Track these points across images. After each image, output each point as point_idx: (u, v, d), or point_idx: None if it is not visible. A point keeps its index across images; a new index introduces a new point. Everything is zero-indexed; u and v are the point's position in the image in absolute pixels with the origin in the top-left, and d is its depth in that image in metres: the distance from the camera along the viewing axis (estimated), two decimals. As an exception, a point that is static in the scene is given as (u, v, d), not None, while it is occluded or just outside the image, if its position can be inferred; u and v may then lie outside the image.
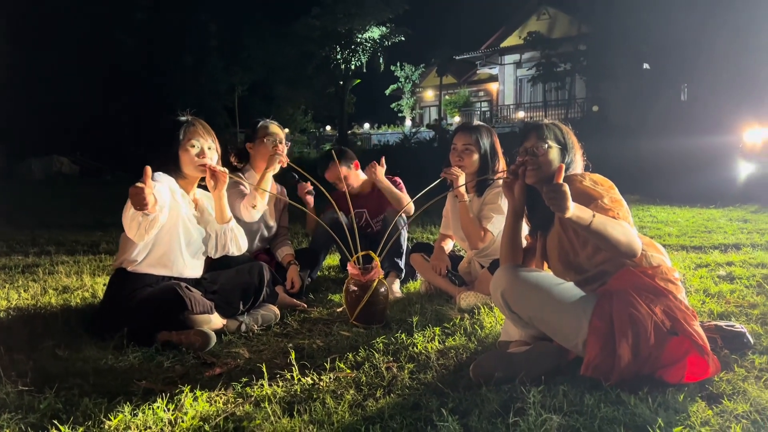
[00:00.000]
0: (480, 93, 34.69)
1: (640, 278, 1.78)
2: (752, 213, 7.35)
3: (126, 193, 2.13)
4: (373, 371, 1.99)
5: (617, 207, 1.84)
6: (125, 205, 2.31)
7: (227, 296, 2.59)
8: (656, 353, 1.69)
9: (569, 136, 2.17)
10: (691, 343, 1.68)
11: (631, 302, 1.72)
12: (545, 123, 2.19)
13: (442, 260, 3.13)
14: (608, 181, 1.97)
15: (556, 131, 2.15)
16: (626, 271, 1.80)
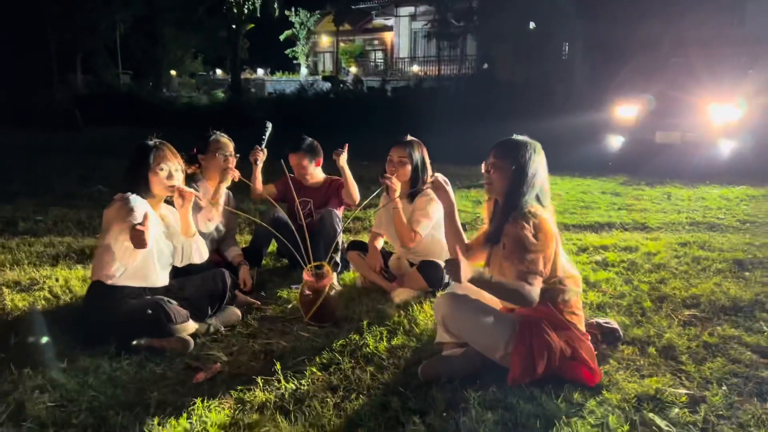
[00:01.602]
0: (375, 42, 34.82)
1: (553, 314, 2.37)
2: (621, 185, 8.42)
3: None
4: (340, 374, 2.47)
5: (535, 264, 2.28)
6: (109, 232, 2.61)
7: (197, 303, 2.95)
8: (559, 370, 2.31)
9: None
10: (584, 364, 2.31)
11: (546, 334, 2.30)
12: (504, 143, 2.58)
13: (377, 259, 3.62)
14: (550, 230, 2.37)
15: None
16: (543, 304, 2.36)
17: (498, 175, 2.52)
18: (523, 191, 2.43)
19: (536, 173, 2.46)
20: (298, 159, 3.89)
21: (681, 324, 3.08)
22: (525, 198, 2.42)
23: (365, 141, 16.77)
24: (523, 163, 2.45)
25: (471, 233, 5.34)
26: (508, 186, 2.48)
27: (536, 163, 2.46)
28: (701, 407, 2.21)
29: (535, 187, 2.46)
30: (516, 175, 2.46)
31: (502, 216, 2.46)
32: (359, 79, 25.28)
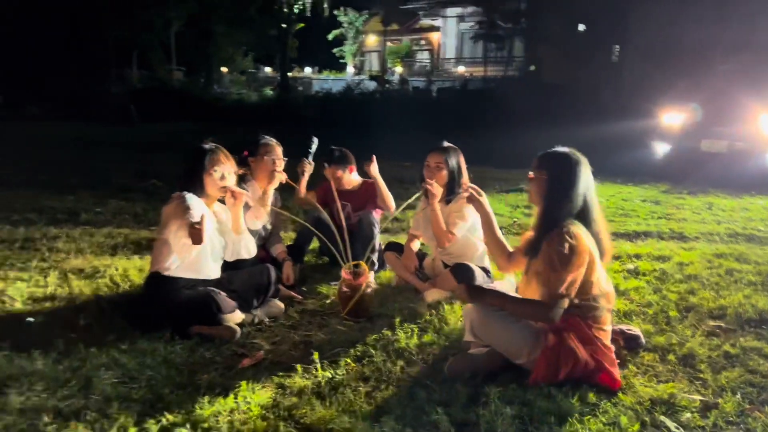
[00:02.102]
0: (422, 42, 34.96)
1: (582, 329, 2.51)
2: (662, 193, 8.39)
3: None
4: (372, 365, 2.68)
5: (561, 285, 2.41)
6: (167, 227, 2.89)
7: (244, 295, 3.19)
8: (580, 378, 2.47)
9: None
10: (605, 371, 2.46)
11: (574, 346, 2.46)
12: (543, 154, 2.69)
13: (412, 259, 3.81)
14: (584, 252, 2.45)
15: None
16: (573, 318, 2.52)
17: (535, 186, 2.62)
18: (559, 205, 2.50)
19: (574, 187, 2.50)
20: (332, 172, 4.14)
21: (704, 334, 3.18)
22: (562, 212, 2.50)
23: (408, 141, 16.96)
24: (557, 175, 2.53)
25: (506, 238, 5.50)
26: (544, 198, 2.58)
27: (575, 177, 2.51)
28: (712, 413, 2.33)
29: (573, 201, 2.50)
30: (551, 187, 2.53)
31: (540, 229, 2.56)
32: (405, 79, 25.46)
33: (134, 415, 2.17)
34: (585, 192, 2.56)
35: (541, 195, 2.61)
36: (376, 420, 2.20)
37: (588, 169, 2.60)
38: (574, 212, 2.53)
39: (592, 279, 2.54)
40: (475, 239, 3.75)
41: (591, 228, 2.57)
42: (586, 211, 2.57)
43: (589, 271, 2.52)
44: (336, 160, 4.17)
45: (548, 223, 2.53)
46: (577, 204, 2.53)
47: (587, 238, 2.51)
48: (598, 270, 2.57)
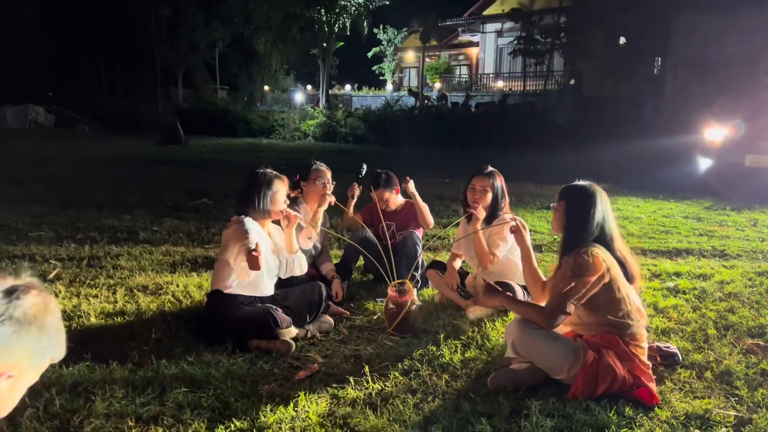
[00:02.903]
0: (460, 57, 35.23)
1: (619, 345, 2.65)
2: (705, 209, 8.35)
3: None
4: (419, 379, 2.86)
5: (564, 289, 2.63)
6: (227, 249, 3.15)
7: (298, 311, 3.42)
8: (618, 393, 2.60)
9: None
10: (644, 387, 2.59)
11: (613, 363, 2.60)
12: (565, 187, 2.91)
13: (454, 277, 3.99)
14: (598, 272, 2.64)
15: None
16: (611, 336, 2.67)
17: (556, 216, 2.90)
18: (576, 233, 2.74)
19: (590, 217, 2.73)
20: (380, 194, 4.35)
21: (742, 352, 3.25)
22: (580, 239, 2.73)
23: (447, 157, 17.21)
24: (575, 206, 2.78)
25: (546, 255, 5.62)
26: (564, 227, 2.83)
27: (591, 208, 2.74)
28: (746, 428, 2.43)
29: (589, 230, 2.73)
30: (569, 217, 2.78)
31: (560, 255, 2.78)
32: (444, 94, 25.69)
33: (205, 421, 2.40)
34: (601, 221, 2.78)
35: (561, 224, 2.87)
36: (424, 429, 2.38)
37: (605, 200, 2.82)
38: (591, 239, 2.75)
39: (620, 296, 2.70)
40: (516, 258, 3.90)
41: (614, 253, 2.75)
42: (606, 238, 2.78)
43: (613, 288, 2.69)
44: (383, 183, 4.39)
45: (569, 247, 2.77)
46: (593, 232, 2.75)
47: (607, 258, 2.71)
48: (624, 288, 2.73)
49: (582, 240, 2.74)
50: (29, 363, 1.21)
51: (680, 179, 10.07)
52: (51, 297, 1.25)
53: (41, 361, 1.24)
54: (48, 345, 1.23)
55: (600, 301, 2.68)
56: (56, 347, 1.26)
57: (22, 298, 1.18)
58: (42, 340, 1.21)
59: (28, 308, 1.18)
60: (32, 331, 1.18)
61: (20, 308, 1.17)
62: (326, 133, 22.98)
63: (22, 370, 1.21)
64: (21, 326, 1.17)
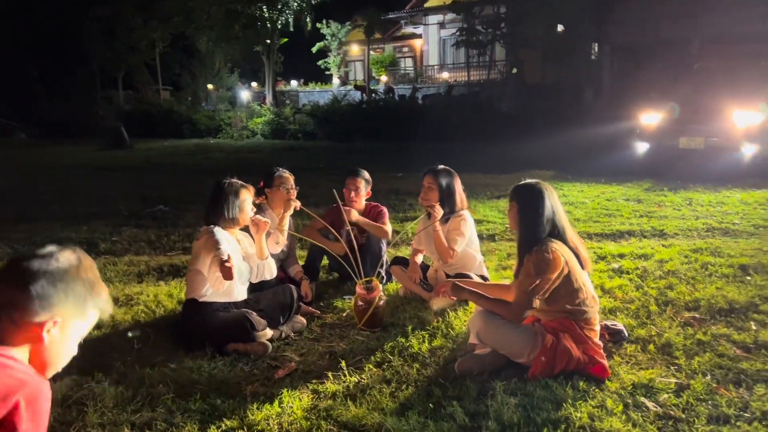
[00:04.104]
0: (404, 49, 35.53)
1: (575, 329, 2.92)
2: (645, 191, 8.84)
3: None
4: (392, 369, 3.07)
5: (528, 286, 2.88)
6: (198, 259, 3.29)
7: (271, 313, 3.58)
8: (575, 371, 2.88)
9: None
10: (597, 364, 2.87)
11: (570, 346, 2.87)
12: (515, 188, 3.16)
13: (416, 272, 4.21)
14: (557, 266, 2.88)
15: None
16: (568, 321, 2.93)
17: (510, 216, 3.14)
18: (531, 230, 2.99)
19: (543, 215, 2.98)
20: (358, 183, 4.49)
21: (680, 325, 3.59)
22: (535, 235, 2.97)
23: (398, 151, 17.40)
24: (527, 206, 3.02)
25: (500, 243, 5.92)
26: (518, 226, 3.07)
27: (540, 206, 2.98)
28: (685, 393, 2.74)
29: (542, 226, 2.97)
30: (523, 217, 3.02)
31: (521, 251, 3.03)
32: (390, 87, 25.93)
33: (197, 423, 2.55)
34: (551, 216, 3.03)
35: (516, 223, 3.11)
36: (401, 415, 2.59)
37: (552, 195, 3.08)
38: (544, 234, 3.00)
39: (577, 286, 2.97)
40: (473, 251, 4.17)
41: (568, 245, 3.01)
42: (558, 231, 3.03)
43: (571, 279, 2.96)
44: (365, 177, 4.53)
45: (526, 245, 3.02)
46: (545, 228, 3.00)
47: (564, 252, 2.97)
48: (581, 278, 3.00)
49: (537, 237, 2.98)
50: (72, 310, 1.45)
51: (621, 163, 10.59)
52: (86, 256, 1.51)
53: (85, 309, 1.48)
54: (87, 295, 1.47)
55: (560, 292, 2.94)
56: (98, 299, 1.51)
57: (56, 255, 1.44)
58: (78, 290, 1.45)
59: (62, 263, 1.44)
60: (68, 281, 1.43)
61: (54, 264, 1.42)
62: (275, 130, 22.90)
63: (66, 317, 1.44)
64: (55, 278, 1.41)
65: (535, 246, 2.96)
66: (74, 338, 1.50)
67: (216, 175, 4.01)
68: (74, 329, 1.49)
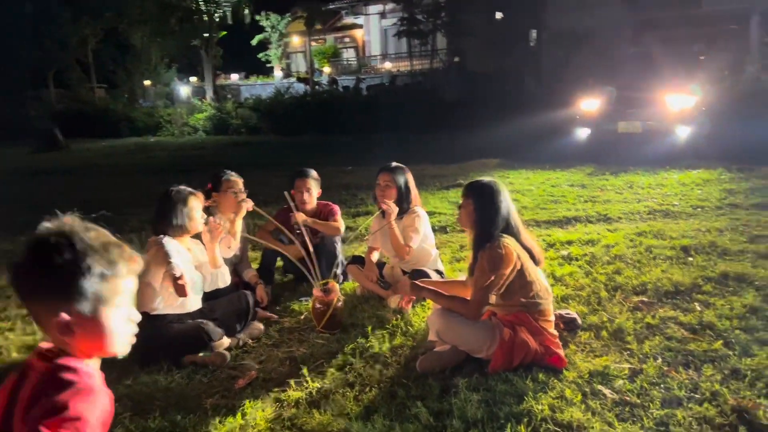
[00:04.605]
0: (346, 39, 35.33)
1: (531, 322, 2.97)
2: (588, 176, 9.07)
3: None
4: (354, 372, 3.07)
5: (483, 282, 2.92)
6: (148, 272, 3.19)
7: (227, 321, 3.52)
8: (533, 362, 2.93)
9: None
10: (554, 354, 2.94)
11: (527, 338, 2.92)
12: (467, 185, 3.20)
13: (373, 270, 4.21)
14: (510, 262, 2.94)
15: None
16: (523, 314, 2.99)
17: (464, 213, 3.16)
18: (486, 228, 3.03)
19: (497, 212, 3.03)
20: (309, 184, 4.43)
21: (630, 309, 3.71)
22: (490, 233, 3.01)
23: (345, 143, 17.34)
24: (482, 205, 3.05)
25: (451, 235, 5.97)
26: (473, 223, 3.10)
27: (496, 203, 3.03)
28: (639, 378, 2.83)
29: (497, 223, 3.02)
30: (478, 214, 3.05)
31: (475, 249, 3.06)
32: (334, 79, 25.76)
33: (157, 442, 2.49)
34: (507, 215, 3.08)
35: (470, 221, 3.13)
36: (367, 419, 2.59)
37: (507, 194, 3.13)
38: (497, 231, 3.04)
39: (530, 279, 3.03)
40: (428, 246, 4.19)
41: (521, 242, 3.07)
42: (512, 229, 3.09)
43: (524, 273, 3.02)
44: (315, 177, 4.47)
45: (481, 241, 3.05)
46: (500, 225, 3.05)
47: (516, 248, 3.03)
48: (533, 271, 3.07)
49: (492, 234, 3.02)
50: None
51: (563, 149, 10.84)
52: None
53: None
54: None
55: (514, 286, 2.99)
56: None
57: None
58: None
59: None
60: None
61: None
62: (217, 126, 22.47)
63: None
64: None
65: (488, 243, 3.01)
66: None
67: (159, 175, 3.91)
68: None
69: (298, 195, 4.40)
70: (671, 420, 2.47)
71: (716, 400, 2.60)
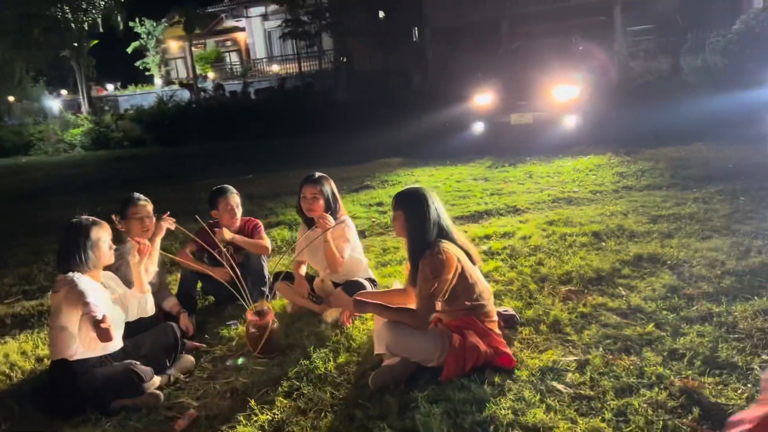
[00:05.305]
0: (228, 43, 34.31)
1: (477, 324, 2.95)
2: (488, 168, 9.33)
3: None
4: (304, 397, 2.92)
5: (433, 297, 2.89)
6: (61, 314, 2.88)
7: (155, 358, 3.24)
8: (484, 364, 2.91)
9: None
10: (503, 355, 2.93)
11: (476, 341, 2.89)
12: (397, 195, 3.16)
13: (304, 286, 4.04)
14: (451, 266, 2.92)
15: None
16: (469, 318, 2.96)
17: (397, 223, 3.13)
18: (419, 235, 3.00)
19: (428, 219, 3.00)
20: (235, 200, 4.23)
21: (561, 300, 3.81)
22: (424, 240, 2.98)
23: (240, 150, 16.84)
24: (412, 214, 3.03)
25: (370, 239, 5.91)
26: (407, 232, 3.06)
27: (426, 210, 3.01)
28: (587, 369, 2.90)
29: (430, 229, 3.00)
30: (411, 224, 3.03)
31: (413, 257, 3.03)
32: (220, 84, 24.95)
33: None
34: (437, 219, 3.07)
35: (404, 230, 3.11)
36: (329, 448, 2.46)
37: (435, 199, 3.12)
38: (433, 237, 3.02)
39: (472, 281, 3.03)
40: (358, 255, 4.09)
41: (456, 244, 3.06)
42: (445, 232, 3.08)
43: (466, 276, 3.01)
44: (233, 191, 4.26)
45: (418, 250, 3.02)
46: (433, 231, 3.03)
47: (455, 251, 3.02)
48: (474, 273, 3.07)
49: (426, 241, 3.00)
50: None
51: (461, 144, 11.12)
52: None
53: None
54: None
55: (457, 290, 2.97)
56: None
57: None
58: None
59: None
60: None
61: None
62: (96, 140, 21.14)
63: None
64: None
65: (427, 250, 2.97)
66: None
67: (39, 199, 3.57)
68: None
69: (225, 216, 4.17)
70: (628, 409, 2.53)
71: (663, 383, 2.70)
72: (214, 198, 4.28)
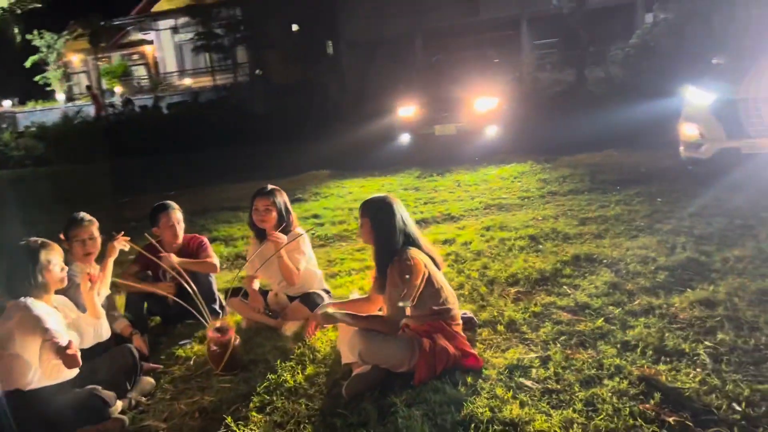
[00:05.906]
0: (135, 57, 33.11)
1: (444, 328, 3.04)
2: (417, 179, 9.51)
3: None
4: (278, 411, 2.90)
5: (397, 297, 2.95)
6: (13, 341, 2.73)
7: (114, 382, 3.12)
8: (453, 366, 3.01)
9: None
10: (471, 356, 3.04)
11: (445, 344, 2.98)
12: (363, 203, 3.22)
13: (258, 301, 3.99)
14: (419, 271, 3.01)
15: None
16: (437, 322, 3.04)
17: (363, 231, 3.21)
18: (386, 242, 3.09)
19: (394, 226, 3.10)
20: (177, 216, 4.14)
21: (512, 301, 3.98)
22: (391, 246, 3.07)
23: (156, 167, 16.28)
24: (379, 222, 3.12)
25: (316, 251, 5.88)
26: (373, 240, 3.14)
27: (392, 218, 3.10)
28: (549, 364, 3.05)
29: (396, 236, 3.09)
30: (376, 230, 3.12)
31: (380, 264, 3.11)
32: (129, 99, 24.01)
33: None
34: (403, 227, 3.18)
35: (370, 237, 3.20)
36: (315, 459, 2.47)
37: (401, 207, 3.23)
38: (399, 244, 3.12)
39: (438, 286, 3.13)
40: (312, 267, 4.10)
41: (422, 250, 3.15)
42: (411, 238, 3.19)
43: (432, 281, 3.11)
44: (175, 206, 4.17)
45: (386, 258, 3.11)
46: (400, 238, 3.13)
47: (422, 257, 3.12)
48: (440, 278, 3.17)
49: (394, 248, 3.08)
50: None
51: (387, 155, 11.27)
52: None
53: None
54: None
55: (424, 296, 3.06)
56: None
57: None
58: None
59: None
60: None
61: None
62: (-7, 160, 19.77)
63: None
64: None
65: (395, 257, 3.05)
66: None
67: None
68: None
69: (166, 233, 4.06)
70: (595, 399, 2.70)
71: (621, 372, 2.89)
72: (155, 214, 4.18)
